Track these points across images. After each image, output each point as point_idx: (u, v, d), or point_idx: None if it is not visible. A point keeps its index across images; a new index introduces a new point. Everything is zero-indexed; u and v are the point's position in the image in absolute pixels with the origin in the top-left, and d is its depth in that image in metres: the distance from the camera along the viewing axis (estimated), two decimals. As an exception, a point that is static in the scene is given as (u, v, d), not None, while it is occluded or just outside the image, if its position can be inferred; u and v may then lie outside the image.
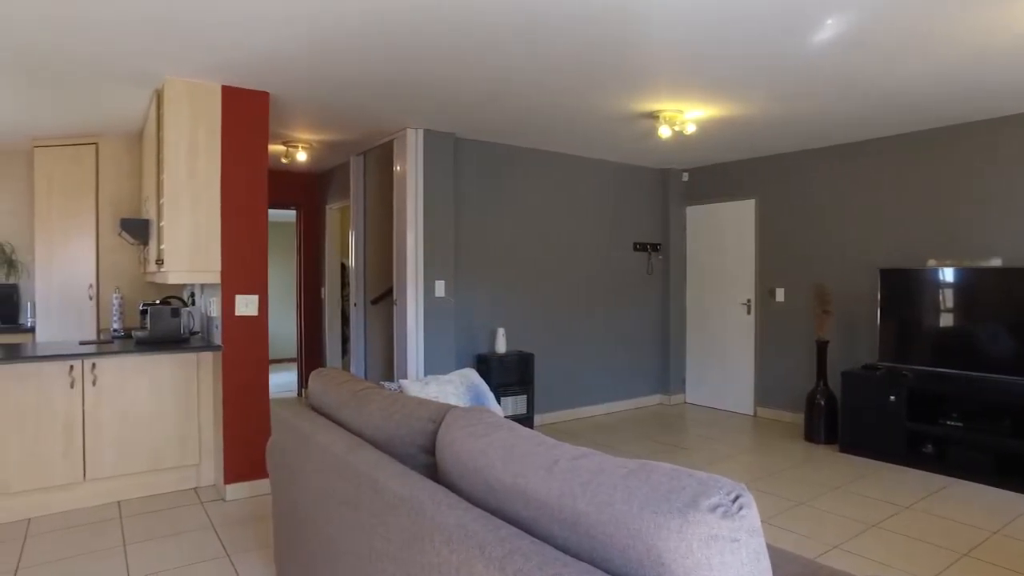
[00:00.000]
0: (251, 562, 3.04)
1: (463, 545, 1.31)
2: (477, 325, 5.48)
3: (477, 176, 5.50)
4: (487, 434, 1.59)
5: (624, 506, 1.13)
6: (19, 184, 5.86)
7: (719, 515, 1.02)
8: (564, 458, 1.36)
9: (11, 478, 3.56)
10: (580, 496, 1.22)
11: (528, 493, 1.35)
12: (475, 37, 3.16)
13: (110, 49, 3.30)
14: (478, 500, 1.53)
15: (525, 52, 3.37)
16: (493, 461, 1.48)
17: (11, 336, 5.34)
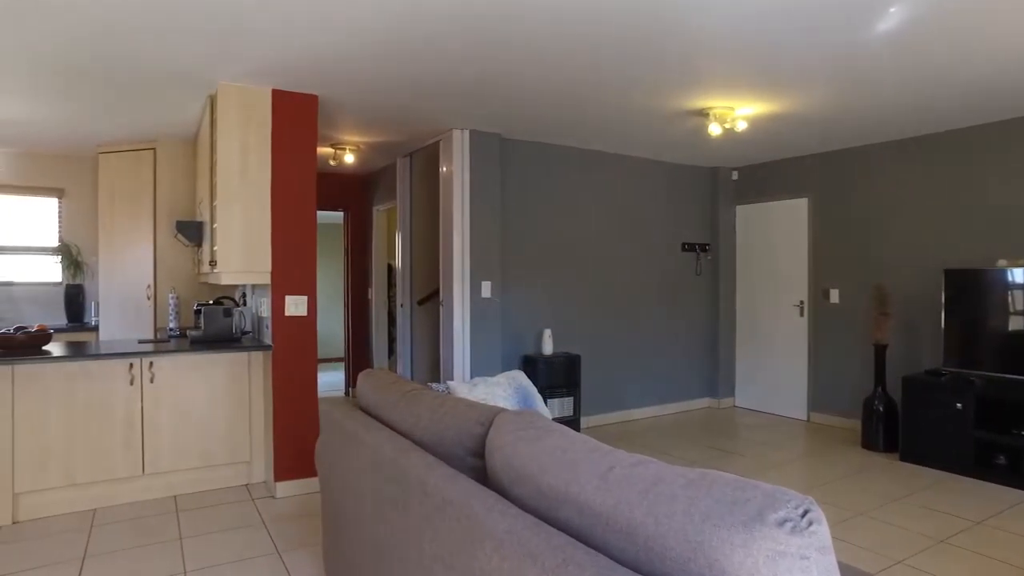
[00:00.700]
0: (300, 559, 3.08)
1: (515, 552, 1.28)
2: (523, 326, 5.45)
3: (523, 176, 5.48)
4: (539, 439, 1.55)
5: (684, 517, 1.08)
6: (85, 189, 6.10)
7: (787, 531, 0.96)
8: (619, 465, 1.32)
9: (78, 470, 3.70)
10: (637, 506, 1.18)
11: (582, 501, 1.31)
12: (522, 38, 3.13)
13: (168, 58, 3.40)
14: (529, 506, 1.49)
15: (573, 51, 3.33)
16: (545, 467, 1.45)
17: (77, 334, 5.55)
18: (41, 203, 6.06)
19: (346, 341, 7.24)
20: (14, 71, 3.60)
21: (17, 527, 3.50)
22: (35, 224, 6.05)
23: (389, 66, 3.56)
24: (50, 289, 6.00)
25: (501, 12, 2.85)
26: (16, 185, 5.92)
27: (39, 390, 3.61)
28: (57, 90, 3.98)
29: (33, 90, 3.97)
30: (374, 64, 3.53)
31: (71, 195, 6.11)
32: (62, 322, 5.85)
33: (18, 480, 3.56)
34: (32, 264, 6.01)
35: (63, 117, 4.62)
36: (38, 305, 5.95)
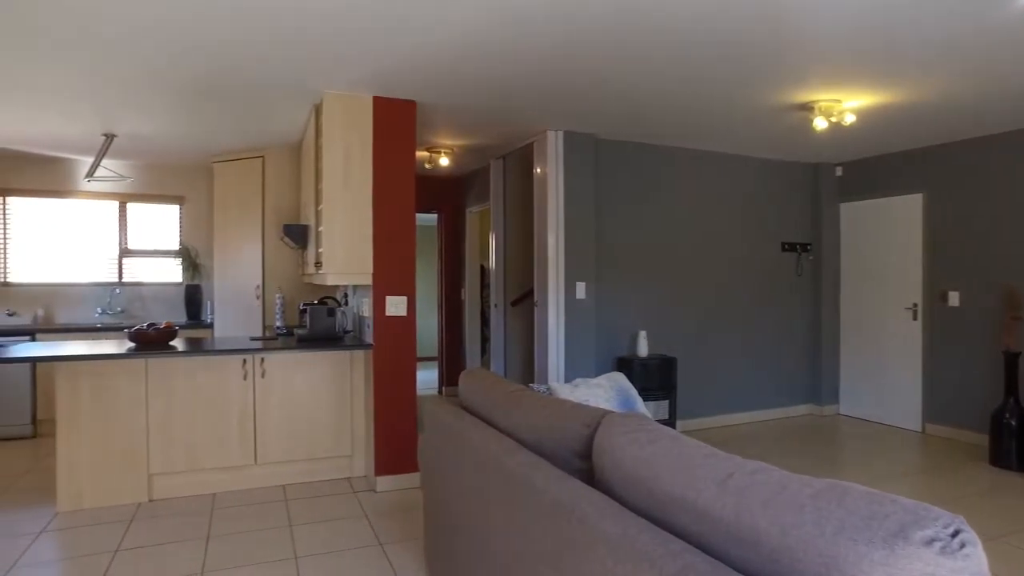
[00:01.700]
0: (401, 552, 3.17)
1: (629, 557, 1.26)
2: (618, 327, 5.40)
3: (618, 176, 5.42)
4: (650, 442, 1.53)
5: (814, 529, 1.03)
6: (202, 195, 6.55)
7: (936, 551, 0.90)
8: (739, 472, 1.28)
9: (201, 457, 3.99)
10: (760, 514, 1.14)
11: (699, 507, 1.28)
12: (619, 38, 3.11)
13: (278, 73, 3.61)
14: (640, 510, 1.48)
15: (671, 49, 3.27)
16: (658, 471, 1.43)
17: (195, 331, 5.97)
18: (164, 210, 6.56)
19: (439, 341, 7.41)
20: (145, 91, 3.92)
21: (152, 504, 3.82)
22: (159, 229, 6.55)
23: (485, 70, 3.62)
24: (172, 289, 6.49)
25: (598, 13, 2.84)
26: (143, 194, 6.44)
27: (167, 381, 3.91)
28: (179, 107, 4.30)
29: (159, 108, 4.31)
30: (471, 69, 3.59)
31: (190, 202, 6.57)
32: (182, 319, 6.30)
33: (152, 462, 3.88)
34: (157, 266, 6.52)
35: (183, 131, 4.98)
36: (162, 303, 6.44)
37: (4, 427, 5.39)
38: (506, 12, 2.84)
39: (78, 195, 6.24)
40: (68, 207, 6.26)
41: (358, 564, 3.05)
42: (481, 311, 7.13)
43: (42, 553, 3.20)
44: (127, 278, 6.41)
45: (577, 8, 2.79)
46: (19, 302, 6.03)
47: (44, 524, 3.55)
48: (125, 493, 3.83)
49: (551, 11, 2.83)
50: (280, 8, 2.78)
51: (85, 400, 3.76)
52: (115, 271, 6.38)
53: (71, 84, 3.81)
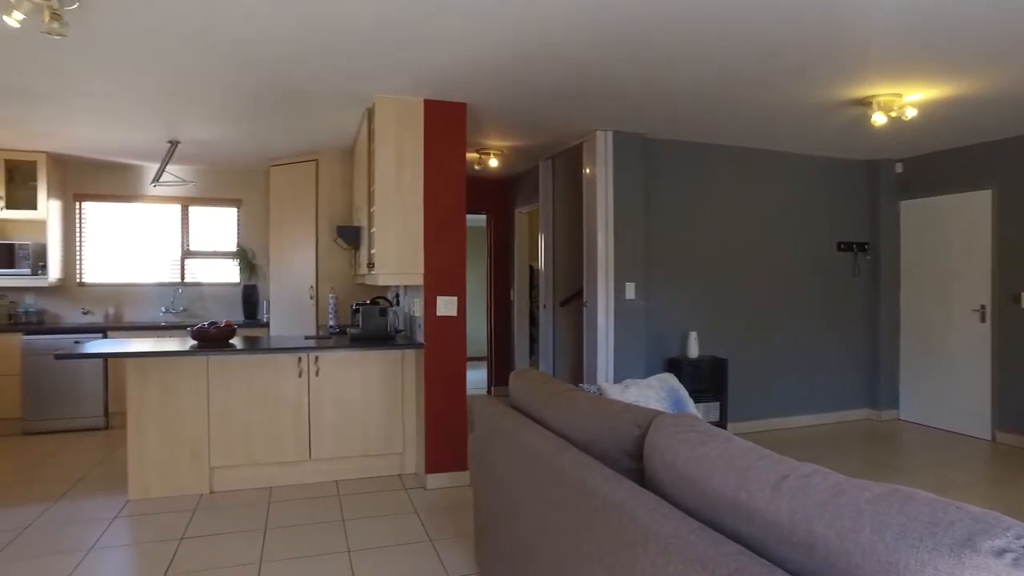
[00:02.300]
0: (452, 548, 3.22)
1: (682, 557, 1.26)
2: (668, 328, 5.34)
3: (668, 176, 5.37)
4: (702, 443, 1.52)
5: (874, 535, 1.01)
6: (259, 198, 6.77)
7: (1008, 562, 0.87)
8: (793, 475, 1.26)
9: (257, 452, 4.12)
10: (816, 518, 1.12)
11: (752, 509, 1.27)
12: (669, 37, 3.08)
13: (332, 78, 3.71)
14: (692, 511, 1.47)
15: (722, 46, 3.22)
16: (710, 472, 1.42)
17: (251, 330, 6.17)
18: (223, 212, 6.80)
19: (488, 341, 7.46)
20: (208, 100, 4.08)
21: (213, 496, 3.98)
22: (218, 231, 6.80)
23: (534, 73, 3.64)
24: (230, 289, 6.72)
25: (646, 13, 2.82)
26: (204, 197, 6.69)
27: (226, 378, 4.06)
28: (238, 114, 4.46)
29: (221, 115, 4.47)
30: (520, 72, 3.62)
31: (247, 204, 6.80)
32: (239, 318, 6.52)
33: (213, 456, 4.04)
34: (216, 266, 6.76)
35: (242, 136, 5.16)
36: (221, 303, 6.68)
37: (79, 419, 5.69)
38: (555, 17, 2.85)
39: (144, 199, 6.53)
40: (135, 211, 6.55)
41: (409, 559, 3.11)
42: (530, 311, 7.15)
43: (117, 537, 3.38)
44: (188, 278, 6.67)
45: (625, 9, 2.79)
46: (92, 301, 6.35)
47: (117, 510, 3.74)
48: (188, 484, 3.99)
49: (599, 14, 2.82)
50: (334, 20, 2.86)
51: (152, 395, 3.94)
52: (178, 272, 6.65)
53: (142, 95, 4.00)
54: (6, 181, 5.70)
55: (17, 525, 3.54)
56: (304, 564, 3.05)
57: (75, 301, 6.30)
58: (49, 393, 5.62)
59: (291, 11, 2.81)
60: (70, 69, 3.54)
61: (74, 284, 6.32)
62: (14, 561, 3.10)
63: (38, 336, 5.63)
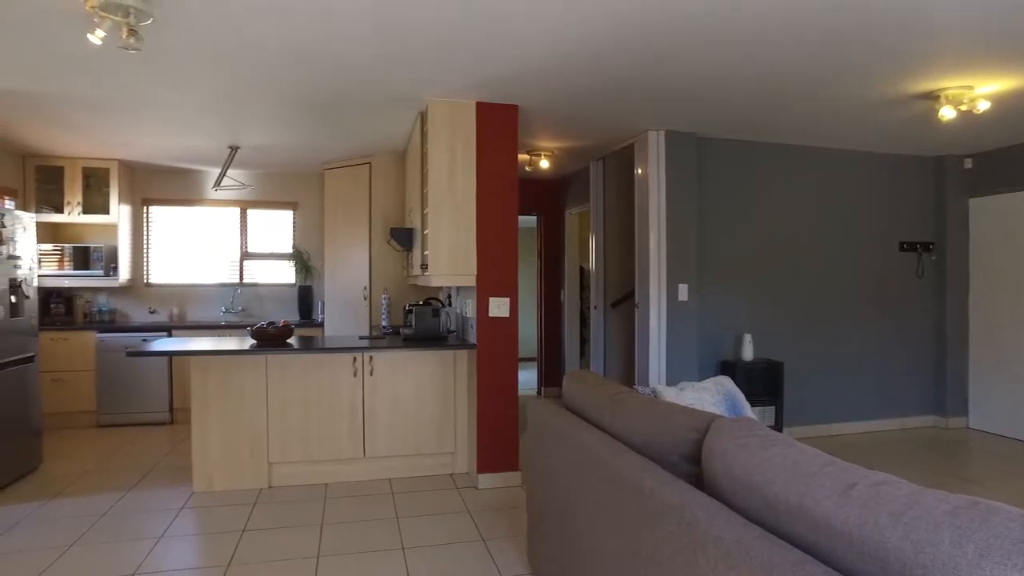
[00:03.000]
0: (504, 548, 3.24)
1: (744, 564, 1.24)
2: (721, 330, 5.25)
3: (721, 175, 5.28)
4: (763, 448, 1.50)
5: (955, 549, 0.98)
6: (314, 201, 6.94)
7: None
8: (862, 483, 1.23)
9: (314, 449, 4.23)
10: (889, 529, 1.09)
11: (818, 516, 1.24)
12: (728, 34, 3.03)
13: (387, 84, 3.78)
14: (753, 517, 1.44)
15: (779, 41, 3.15)
16: (773, 478, 1.39)
17: (306, 329, 6.33)
18: (280, 215, 6.99)
19: (538, 341, 7.46)
20: (267, 106, 4.21)
21: (272, 491, 4.10)
22: (275, 233, 7.00)
23: (586, 74, 3.63)
24: (286, 289, 6.91)
25: (700, 10, 2.78)
26: (262, 200, 6.90)
27: (284, 377, 4.18)
28: (296, 119, 4.58)
29: (279, 121, 4.61)
30: (571, 72, 3.61)
31: (303, 207, 6.98)
32: (295, 318, 6.70)
33: (271, 452, 4.16)
34: (273, 268, 6.96)
35: (298, 141, 5.30)
36: (277, 303, 6.88)
37: (147, 413, 5.94)
38: (607, 18, 2.83)
39: (206, 203, 6.78)
40: (198, 214, 6.81)
41: (462, 558, 3.14)
42: (580, 312, 7.13)
43: (184, 527, 3.53)
44: (247, 279, 6.89)
45: (678, 7, 2.75)
46: (158, 301, 6.63)
47: (184, 501, 3.90)
48: (248, 479, 4.12)
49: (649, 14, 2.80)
50: (390, 27, 2.92)
51: (215, 392, 4.09)
52: (237, 273, 6.87)
53: (206, 103, 4.16)
54: (83, 188, 6.00)
55: (96, 511, 3.75)
56: (360, 560, 3.12)
57: (142, 301, 6.59)
58: (120, 388, 5.89)
59: (350, 22, 2.87)
60: (142, 81, 3.71)
61: (142, 285, 6.60)
62: (94, 545, 3.28)
63: (110, 334, 5.90)
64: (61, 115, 4.52)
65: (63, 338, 5.80)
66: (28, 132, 5.06)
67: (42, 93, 4.00)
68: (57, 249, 5.96)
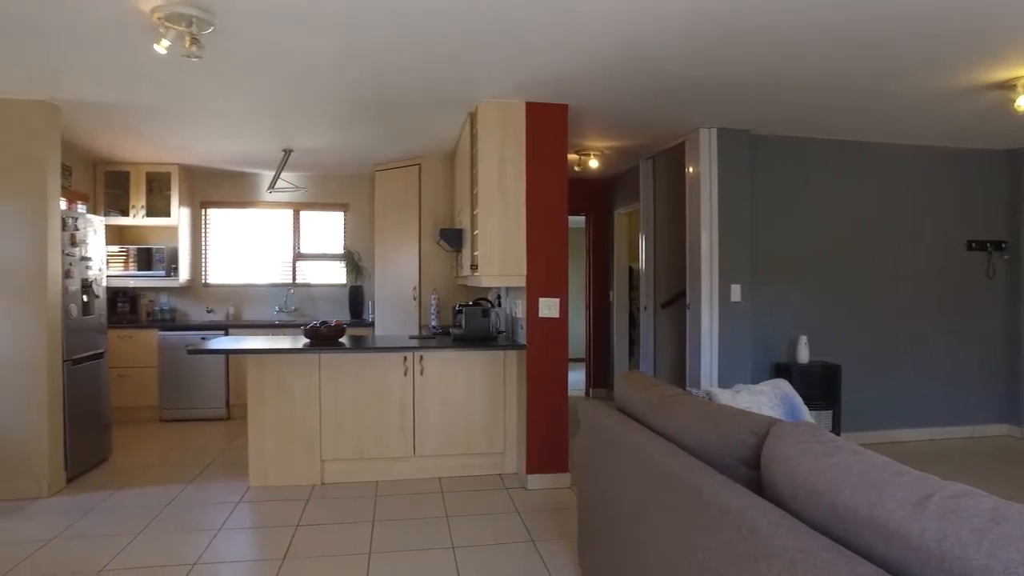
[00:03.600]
0: (554, 550, 3.22)
1: (810, 574, 1.20)
2: (775, 332, 5.11)
3: (776, 173, 5.14)
4: (827, 454, 1.44)
5: (1046, 566, 0.92)
6: (364, 203, 7.06)
7: None
8: (939, 494, 1.17)
9: (365, 446, 4.29)
10: (973, 545, 1.03)
11: (891, 528, 1.19)
12: (778, 30, 2.94)
13: (437, 86, 3.81)
14: (817, 525, 1.39)
15: (848, 31, 3.04)
16: (840, 485, 1.34)
17: (357, 329, 6.43)
18: (331, 216, 7.13)
19: (587, 342, 7.41)
20: (320, 111, 4.29)
21: (324, 487, 4.18)
22: (326, 234, 7.14)
23: (639, 72, 3.58)
24: (337, 289, 7.04)
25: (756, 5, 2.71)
26: (314, 202, 7.05)
27: (336, 375, 4.25)
28: (347, 122, 4.67)
29: (331, 124, 4.70)
30: (624, 71, 3.57)
31: (353, 208, 7.10)
32: (346, 318, 6.81)
33: (324, 449, 4.24)
34: (324, 268, 7.11)
35: (349, 143, 5.40)
36: (329, 303, 7.01)
37: (204, 409, 6.15)
38: (662, 16, 2.79)
39: (260, 205, 6.96)
40: (252, 216, 7.00)
41: (512, 558, 3.14)
42: (629, 313, 7.04)
43: (241, 520, 3.64)
44: (299, 279, 7.05)
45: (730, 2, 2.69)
46: (215, 300, 6.84)
47: (240, 495, 4.01)
48: (302, 475, 4.21)
49: (713, 3, 2.74)
50: (440, 29, 2.93)
51: (270, 390, 4.19)
52: (289, 273, 7.04)
53: (261, 108, 4.27)
54: (146, 192, 6.24)
55: (160, 502, 3.90)
56: (411, 557, 3.15)
57: (200, 300, 6.81)
58: (180, 384, 6.10)
59: (402, 27, 2.90)
60: (202, 88, 3.83)
61: (200, 285, 6.83)
62: (159, 534, 3.42)
63: (171, 332, 6.13)
64: (128, 123, 4.71)
65: (128, 336, 6.05)
66: (99, 140, 5.29)
67: (113, 103, 4.18)
68: (123, 251, 6.22)
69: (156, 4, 2.69)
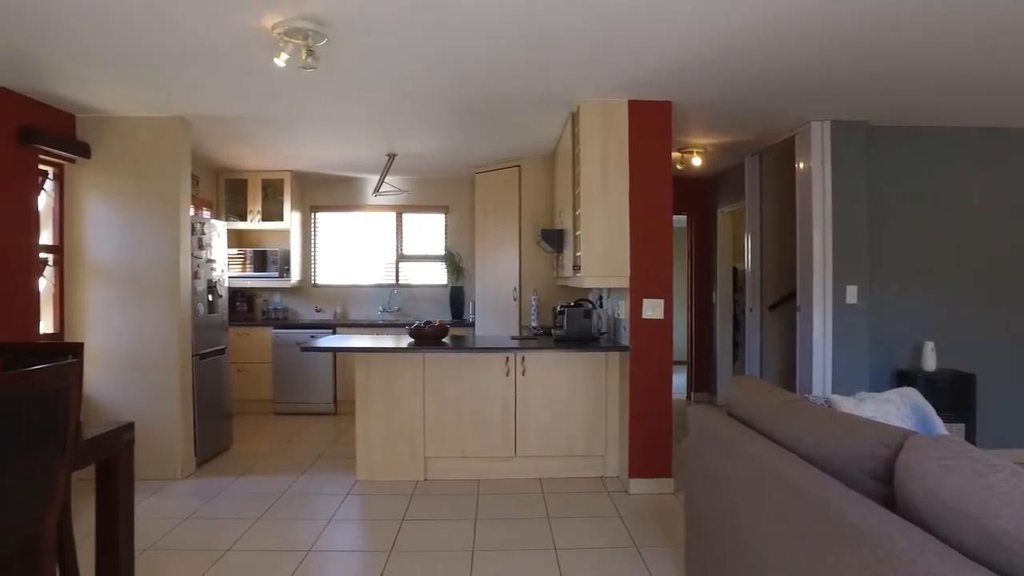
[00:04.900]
0: (658, 557, 3.14)
1: (965, 604, 1.10)
2: (897, 337, 4.76)
3: (896, 166, 4.79)
4: (981, 473, 1.32)
5: None
6: (464, 205, 7.19)
7: None
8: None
9: (467, 445, 4.37)
10: None
11: (1062, 558, 1.07)
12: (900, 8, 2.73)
13: (539, 88, 3.83)
14: (967, 551, 1.27)
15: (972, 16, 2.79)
16: (997, 509, 1.22)
17: (458, 329, 6.55)
18: (432, 219, 7.32)
19: (688, 345, 7.21)
20: (423, 115, 4.41)
21: (427, 484, 4.29)
22: (428, 236, 7.33)
23: (745, 66, 3.44)
24: (438, 290, 7.21)
25: (891, -18, 2.53)
26: (416, 205, 7.26)
27: (440, 374, 4.35)
28: (449, 126, 4.77)
29: (433, 128, 4.83)
30: (729, 66, 3.44)
31: (454, 210, 7.25)
32: (447, 318, 6.96)
33: (427, 446, 4.35)
34: (426, 269, 7.30)
35: (451, 146, 5.51)
36: (430, 303, 7.20)
37: (313, 404, 6.46)
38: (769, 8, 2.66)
39: (365, 208, 7.25)
40: (357, 219, 7.30)
41: (615, 563, 3.09)
42: (733, 315, 6.79)
43: (349, 511, 3.80)
44: (402, 280, 7.27)
45: None
46: (323, 300, 7.18)
47: (348, 488, 4.19)
48: (406, 471, 4.34)
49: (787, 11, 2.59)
50: (542, 31, 2.93)
51: (376, 387, 4.34)
52: (392, 274, 7.28)
53: (368, 115, 4.44)
54: (261, 198, 6.65)
55: (276, 490, 4.15)
56: (514, 557, 3.16)
57: (310, 300, 7.17)
58: (292, 380, 6.45)
59: (505, 31, 2.92)
60: (313, 98, 4.03)
61: (309, 285, 7.19)
62: (277, 520, 3.64)
63: (283, 330, 6.49)
64: (247, 134, 5.03)
65: (246, 333, 6.45)
66: (221, 151, 5.69)
67: (235, 116, 4.47)
68: (240, 253, 6.65)
69: (276, 20, 2.85)
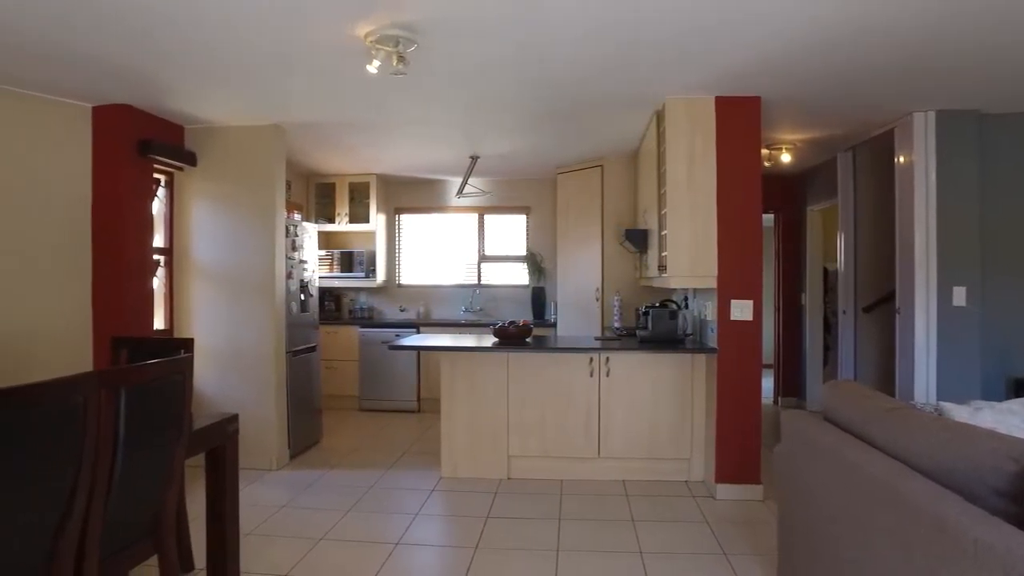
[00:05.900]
0: (748, 565, 3.05)
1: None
2: (1013, 342, 4.41)
3: (1014, 157, 4.43)
4: None
5: None
6: (546, 205, 7.21)
7: None
8: None
9: (550, 445, 4.38)
10: None
11: None
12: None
13: (623, 88, 3.80)
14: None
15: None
16: None
17: (540, 329, 6.54)
18: (513, 220, 7.37)
19: (775, 347, 6.96)
20: (506, 117, 4.46)
21: (510, 482, 4.33)
22: (509, 237, 7.39)
23: (839, 58, 3.28)
24: (520, 290, 7.25)
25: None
26: (498, 206, 7.33)
27: (523, 374, 4.38)
28: (531, 127, 4.80)
29: (515, 129, 4.87)
30: (822, 58, 3.29)
31: (535, 211, 7.28)
32: (529, 318, 6.98)
33: (511, 445, 4.39)
34: (507, 270, 7.36)
35: (533, 147, 5.54)
36: (512, 303, 7.25)
37: (398, 401, 6.64)
38: None
39: (447, 210, 7.38)
40: (440, 221, 7.45)
41: (702, 570, 3.03)
42: (823, 317, 6.50)
43: (435, 507, 3.89)
44: (484, 281, 7.36)
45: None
46: (407, 300, 7.37)
47: (433, 484, 4.28)
48: (489, 469, 4.39)
49: None
50: (625, 28, 2.90)
51: (461, 385, 4.42)
52: (474, 275, 7.38)
53: (452, 117, 4.53)
54: (349, 200, 6.89)
55: (364, 484, 4.29)
56: (599, 558, 3.15)
57: (394, 300, 7.37)
58: (377, 377, 6.65)
59: (591, 30, 2.91)
60: (400, 102, 4.14)
61: (394, 285, 7.39)
62: (365, 513, 3.76)
63: (369, 329, 6.70)
64: (336, 139, 5.23)
65: (334, 331, 6.70)
66: (311, 156, 5.94)
67: (326, 122, 4.66)
68: (328, 254, 6.91)
69: (369, 29, 2.95)
